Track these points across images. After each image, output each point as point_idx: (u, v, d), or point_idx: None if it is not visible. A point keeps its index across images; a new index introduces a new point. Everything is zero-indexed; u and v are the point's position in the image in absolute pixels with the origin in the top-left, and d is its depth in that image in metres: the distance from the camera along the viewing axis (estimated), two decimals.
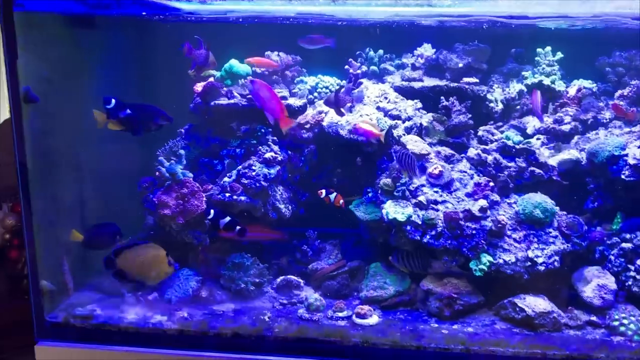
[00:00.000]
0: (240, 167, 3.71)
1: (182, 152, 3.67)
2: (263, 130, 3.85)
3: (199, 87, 3.93)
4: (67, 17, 3.65)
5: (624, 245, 3.38)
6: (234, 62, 4.03)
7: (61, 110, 3.55)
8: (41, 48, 3.32)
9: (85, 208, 3.80)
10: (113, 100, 3.25)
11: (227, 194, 3.60)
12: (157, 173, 3.60)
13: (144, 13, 3.71)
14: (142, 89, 4.17)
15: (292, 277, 3.65)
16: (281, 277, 3.66)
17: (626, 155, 3.39)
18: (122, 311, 3.38)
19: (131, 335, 3.21)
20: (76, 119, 3.73)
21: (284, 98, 3.92)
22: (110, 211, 3.92)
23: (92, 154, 3.90)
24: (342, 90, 3.75)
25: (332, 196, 3.58)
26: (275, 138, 3.88)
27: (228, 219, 3.41)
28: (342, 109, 3.67)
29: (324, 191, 3.61)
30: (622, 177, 3.36)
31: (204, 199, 3.54)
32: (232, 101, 3.87)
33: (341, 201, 3.58)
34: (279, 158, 3.76)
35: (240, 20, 3.90)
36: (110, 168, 4.02)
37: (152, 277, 3.28)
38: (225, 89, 3.94)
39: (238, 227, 3.37)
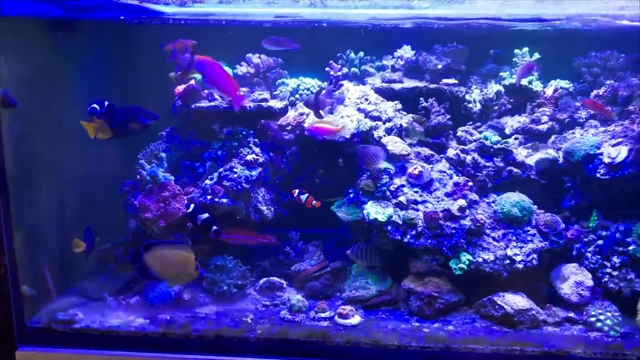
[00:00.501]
0: (222, 169, 3.72)
1: (163, 155, 3.67)
2: (244, 132, 3.87)
3: (179, 89, 3.94)
4: (46, 21, 3.64)
5: (600, 242, 3.44)
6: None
7: (41, 113, 3.54)
8: (20, 52, 3.30)
9: (66, 212, 3.78)
10: (97, 106, 3.25)
11: (209, 197, 3.61)
12: (138, 176, 3.60)
13: (122, 17, 3.70)
14: (123, 91, 4.16)
15: (275, 278, 3.67)
16: (264, 279, 3.68)
17: (601, 154, 3.46)
18: (104, 315, 3.37)
19: (113, 339, 3.20)
20: (56, 123, 3.72)
21: (265, 100, 3.94)
22: (92, 215, 3.91)
23: (73, 158, 3.89)
24: (323, 92, 3.78)
25: (304, 197, 3.58)
26: (256, 140, 3.89)
27: (206, 215, 3.41)
28: (321, 111, 3.69)
29: (296, 191, 3.61)
30: (598, 175, 3.43)
31: (186, 201, 3.55)
32: (213, 103, 3.88)
33: (313, 202, 3.58)
34: (261, 160, 3.77)
35: (224, 22, 3.90)
36: (91, 171, 4.01)
37: (176, 279, 3.24)
38: (206, 91, 3.94)
39: (214, 228, 3.36)
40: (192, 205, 3.47)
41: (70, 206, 3.81)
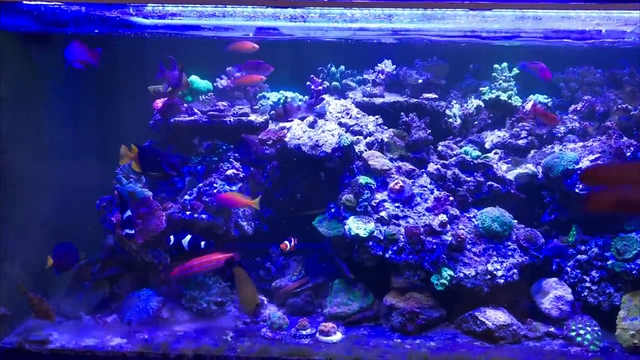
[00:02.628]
0: (201, 184, 3.67)
1: None
2: (225, 147, 3.83)
3: (158, 103, 3.88)
4: (22, 35, 3.58)
5: (579, 256, 3.47)
6: (194, 78, 4.00)
7: (17, 128, 3.46)
8: None
9: (42, 228, 3.70)
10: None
11: (188, 212, 3.56)
12: (115, 192, 3.54)
13: (96, 30, 3.64)
14: (101, 105, 4.10)
15: None
16: None
17: (580, 169, 3.49)
18: (80, 335, 3.29)
19: (89, 359, 3.13)
20: (32, 137, 3.64)
21: (246, 115, 3.91)
22: (69, 230, 3.83)
23: (49, 172, 3.81)
24: (287, 100, 3.76)
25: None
26: (237, 154, 3.86)
27: (189, 237, 3.34)
28: (299, 121, 3.70)
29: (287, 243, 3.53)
30: (576, 190, 3.46)
31: (164, 217, 3.49)
32: (192, 118, 3.83)
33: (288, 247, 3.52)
34: (241, 175, 3.74)
35: (214, 36, 3.86)
36: (68, 186, 3.93)
37: (243, 303, 3.38)
38: (185, 105, 3.90)
39: (203, 243, 3.29)
40: (172, 237, 3.35)
41: (45, 221, 3.72)
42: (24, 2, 3.00)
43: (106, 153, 3.88)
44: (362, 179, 3.62)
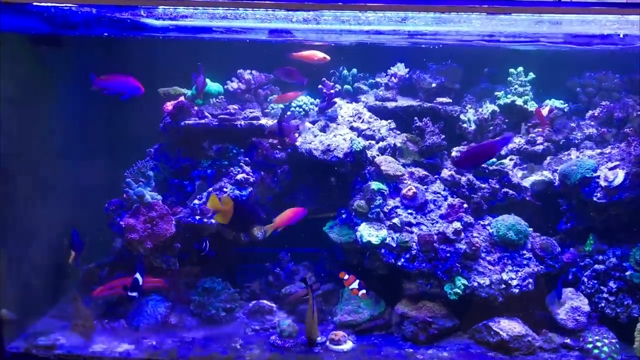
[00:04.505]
0: (211, 188, 3.63)
1: (150, 173, 3.58)
2: (235, 151, 3.78)
3: (169, 106, 3.84)
4: (32, 37, 3.54)
5: (596, 266, 3.39)
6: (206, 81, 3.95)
7: (26, 129, 3.43)
8: (6, 67, 3.20)
9: (50, 232, 3.66)
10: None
11: (197, 217, 3.51)
12: (124, 195, 3.50)
13: (105, 34, 3.61)
14: (110, 107, 4.06)
15: (265, 301, 3.57)
16: (253, 302, 3.58)
17: (598, 177, 3.41)
18: (87, 338, 3.25)
19: None
20: (42, 139, 3.61)
21: (256, 118, 3.85)
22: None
23: (59, 175, 3.78)
24: (286, 115, 3.67)
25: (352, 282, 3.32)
26: (247, 159, 3.80)
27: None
28: (287, 139, 3.62)
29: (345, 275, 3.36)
30: (594, 199, 3.37)
31: (174, 222, 3.44)
32: (202, 121, 3.78)
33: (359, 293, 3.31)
34: (251, 179, 3.68)
35: (225, 38, 3.80)
36: (77, 189, 3.90)
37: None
38: (196, 108, 3.85)
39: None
40: (206, 243, 3.44)
41: (54, 225, 3.69)
42: (34, 3, 2.96)
43: (115, 156, 3.85)
44: (374, 185, 3.56)
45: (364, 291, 3.24)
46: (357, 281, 3.26)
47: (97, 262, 3.70)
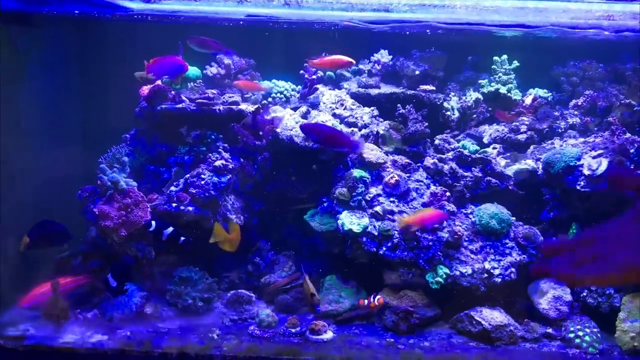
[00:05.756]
0: (189, 175, 3.52)
1: (125, 159, 3.46)
2: (213, 137, 3.68)
3: (145, 90, 3.72)
4: (3, 16, 3.40)
5: None
6: None
7: None
8: None
9: (19, 219, 3.53)
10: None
11: (174, 204, 3.40)
12: (98, 181, 3.38)
13: (76, 12, 3.47)
14: (84, 91, 3.93)
15: (243, 291, 3.48)
16: (231, 292, 3.49)
17: (581, 166, 3.38)
18: (58, 330, 3.14)
19: (68, 356, 2.98)
20: (11, 122, 3.47)
21: (236, 103, 3.75)
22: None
23: (30, 161, 3.65)
24: (260, 110, 3.58)
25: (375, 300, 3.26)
26: (226, 145, 3.70)
27: (171, 229, 3.21)
28: (260, 133, 3.53)
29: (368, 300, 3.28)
30: (578, 187, 3.34)
31: (149, 209, 3.34)
32: (180, 105, 3.67)
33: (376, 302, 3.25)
34: (230, 166, 3.58)
35: (204, 18, 3.68)
36: (50, 175, 3.77)
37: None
38: (172, 92, 3.74)
39: (182, 239, 3.16)
40: (153, 223, 3.23)
41: (24, 212, 3.56)
42: None
43: (89, 141, 3.73)
44: (357, 173, 3.49)
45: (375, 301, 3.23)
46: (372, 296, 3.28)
47: (70, 251, 3.58)
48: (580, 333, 3.14)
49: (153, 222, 3.23)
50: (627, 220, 0.88)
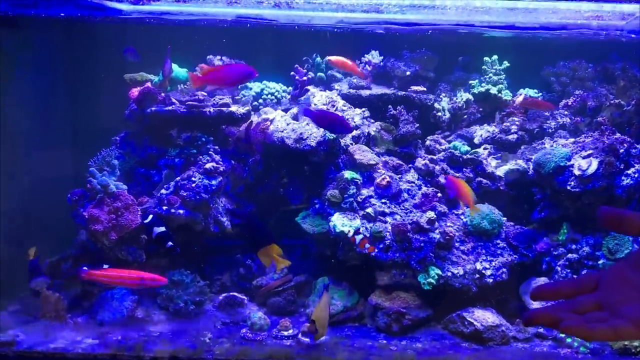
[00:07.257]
0: (179, 178, 3.49)
1: (115, 162, 3.43)
2: (204, 139, 3.66)
3: (134, 92, 3.70)
4: None
5: (570, 255, 3.38)
6: (172, 66, 3.81)
7: None
8: None
9: (8, 223, 3.50)
10: None
11: (165, 207, 3.38)
12: (88, 185, 3.35)
13: (62, 14, 3.43)
14: (73, 93, 3.90)
15: (235, 294, 3.47)
16: (223, 295, 3.47)
17: (572, 166, 3.39)
18: (48, 336, 3.11)
19: None
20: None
21: (226, 105, 3.74)
22: (39, 225, 3.64)
23: (18, 163, 3.61)
24: (252, 125, 3.56)
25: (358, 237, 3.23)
26: (217, 147, 3.69)
27: (163, 229, 3.18)
28: (253, 147, 3.53)
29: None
30: (568, 187, 3.36)
31: (139, 212, 3.31)
32: (170, 108, 3.65)
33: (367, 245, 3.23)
34: (221, 168, 3.57)
35: (182, 21, 3.68)
36: (38, 178, 3.74)
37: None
38: (162, 94, 3.71)
39: (169, 244, 3.13)
40: (151, 216, 3.22)
41: (13, 216, 3.53)
42: None
43: (78, 144, 3.70)
44: (348, 174, 3.48)
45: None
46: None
47: (60, 255, 3.55)
48: None
49: (151, 216, 3.21)
50: (628, 265, 0.85)
